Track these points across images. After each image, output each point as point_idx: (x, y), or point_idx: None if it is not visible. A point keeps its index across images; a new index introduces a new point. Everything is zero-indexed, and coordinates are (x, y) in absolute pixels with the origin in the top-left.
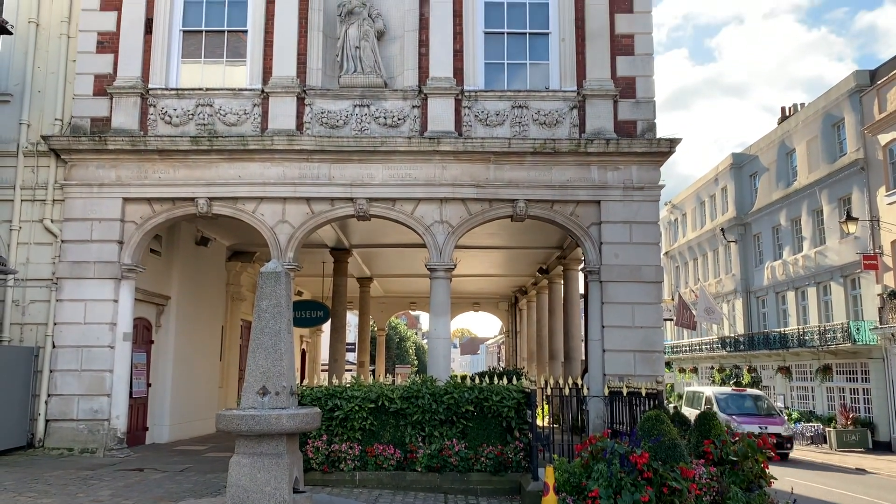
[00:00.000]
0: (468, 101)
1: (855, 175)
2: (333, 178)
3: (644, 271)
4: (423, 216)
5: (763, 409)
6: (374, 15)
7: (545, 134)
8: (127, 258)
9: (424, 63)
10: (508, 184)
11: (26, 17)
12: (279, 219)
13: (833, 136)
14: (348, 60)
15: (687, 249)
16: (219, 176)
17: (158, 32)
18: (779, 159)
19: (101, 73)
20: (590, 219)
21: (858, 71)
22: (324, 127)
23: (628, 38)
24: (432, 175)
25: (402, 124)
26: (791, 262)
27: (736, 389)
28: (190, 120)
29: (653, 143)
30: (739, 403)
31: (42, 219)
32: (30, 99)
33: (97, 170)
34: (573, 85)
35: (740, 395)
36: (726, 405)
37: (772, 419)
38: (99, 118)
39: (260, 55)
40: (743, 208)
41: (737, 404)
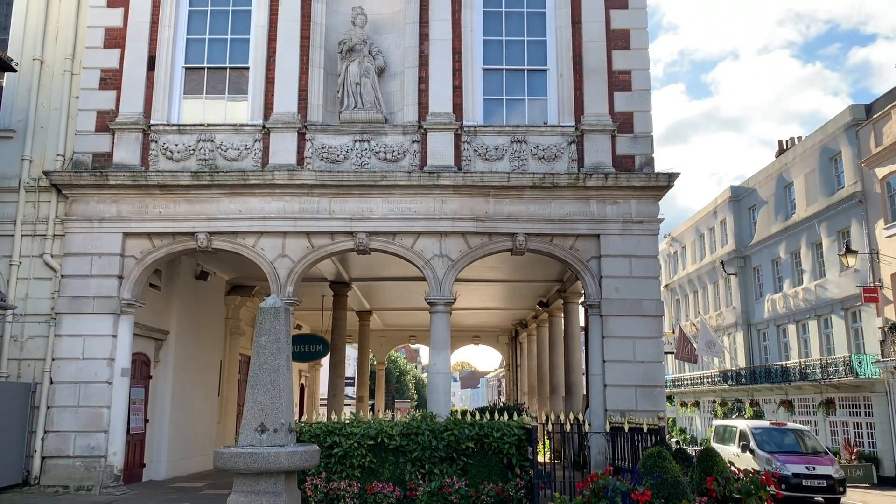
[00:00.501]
0: (467, 135)
1: (853, 208)
2: (334, 213)
3: (644, 305)
4: (422, 250)
5: (808, 446)
6: (374, 52)
7: (544, 168)
8: (126, 293)
9: (424, 99)
10: (508, 217)
11: (31, 55)
12: (279, 253)
13: (830, 170)
14: (349, 96)
15: (687, 282)
16: (219, 210)
17: (161, 69)
18: (777, 192)
19: (104, 109)
20: (589, 252)
21: (854, 105)
22: (324, 162)
23: (625, 75)
24: (432, 209)
25: (402, 159)
26: (791, 295)
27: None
28: (191, 155)
29: (651, 177)
30: (780, 440)
31: (42, 254)
32: (32, 135)
33: (98, 205)
34: (571, 120)
35: (780, 429)
36: (765, 442)
37: (819, 458)
38: (100, 154)
39: (261, 91)
40: (742, 241)
41: (777, 441)
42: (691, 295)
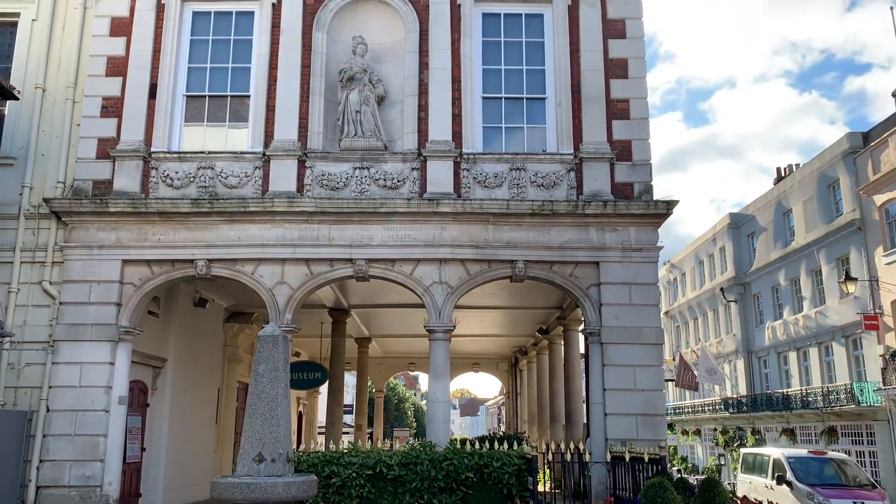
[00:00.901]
0: (467, 163)
1: (852, 235)
2: (333, 240)
3: (645, 333)
4: (422, 277)
5: (852, 477)
6: (374, 81)
7: (543, 196)
8: (125, 320)
9: (424, 127)
10: (507, 245)
11: (33, 83)
12: (278, 280)
13: (829, 197)
14: (349, 124)
15: (687, 309)
16: (219, 238)
17: (162, 97)
18: (776, 219)
19: (105, 136)
20: (589, 280)
21: (851, 133)
22: (324, 189)
23: (623, 103)
24: (431, 236)
25: (402, 186)
26: (792, 323)
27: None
28: (191, 182)
29: (650, 204)
30: (820, 470)
31: (41, 281)
32: (33, 162)
33: (97, 232)
34: (570, 148)
35: (820, 459)
36: (804, 472)
37: (867, 492)
38: (101, 181)
39: (262, 119)
40: (742, 268)
41: (816, 471)
42: (691, 322)
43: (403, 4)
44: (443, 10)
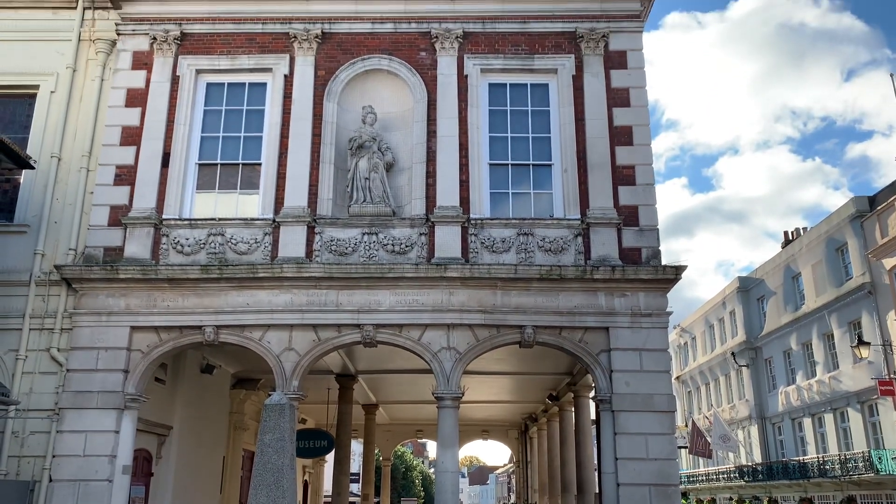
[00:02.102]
0: (474, 228)
1: (863, 299)
2: (341, 305)
3: (656, 400)
4: (430, 342)
5: None
6: (383, 148)
7: (551, 260)
8: (131, 387)
9: (432, 192)
10: (516, 310)
11: (49, 152)
12: (285, 346)
13: (838, 261)
14: (358, 191)
15: (698, 374)
16: (227, 304)
17: (175, 165)
18: (785, 283)
19: (117, 204)
20: (599, 346)
21: (857, 197)
22: (333, 254)
23: (629, 169)
24: (439, 301)
25: (410, 251)
26: (805, 388)
27: None
28: (201, 249)
29: (658, 270)
30: None
31: (49, 347)
32: (46, 230)
33: (107, 298)
34: (577, 213)
35: None
36: None
37: None
38: (112, 248)
39: (273, 186)
40: (752, 332)
41: None
42: (703, 387)
43: (412, 76)
44: (450, 80)
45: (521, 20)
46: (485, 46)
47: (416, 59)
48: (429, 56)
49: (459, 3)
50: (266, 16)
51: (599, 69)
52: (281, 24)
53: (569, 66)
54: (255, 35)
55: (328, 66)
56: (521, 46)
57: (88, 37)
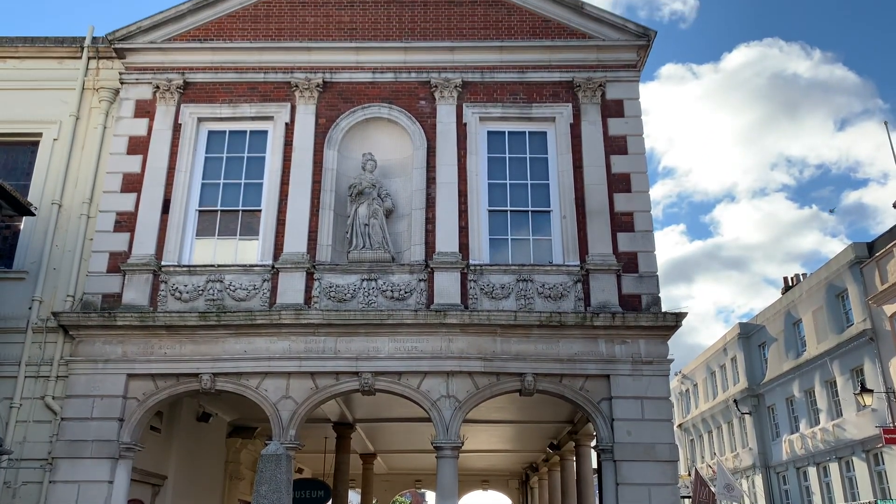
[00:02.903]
0: (473, 274)
1: (865, 345)
2: (339, 352)
3: (658, 450)
4: (429, 390)
5: None
6: (383, 195)
7: (551, 307)
8: (126, 436)
9: (431, 239)
10: (516, 357)
11: (50, 199)
12: (283, 394)
13: (838, 307)
14: (357, 237)
15: (701, 421)
16: (224, 351)
17: (175, 212)
18: (786, 329)
19: (117, 250)
20: (600, 394)
21: (856, 243)
22: (331, 301)
23: (628, 216)
24: (438, 348)
25: (409, 297)
26: (809, 436)
27: None
28: (200, 295)
29: (658, 316)
30: None
31: (44, 396)
32: (44, 276)
33: (104, 346)
34: (576, 259)
35: None
36: None
37: None
38: (110, 294)
39: (272, 232)
40: (754, 379)
41: None
42: (706, 435)
43: (412, 124)
44: (449, 129)
45: (518, 70)
46: (483, 95)
47: (416, 107)
48: (428, 104)
49: (458, 53)
50: (268, 65)
51: (597, 117)
52: (283, 74)
53: (566, 115)
54: (257, 84)
55: (329, 115)
56: (520, 95)
57: (92, 85)
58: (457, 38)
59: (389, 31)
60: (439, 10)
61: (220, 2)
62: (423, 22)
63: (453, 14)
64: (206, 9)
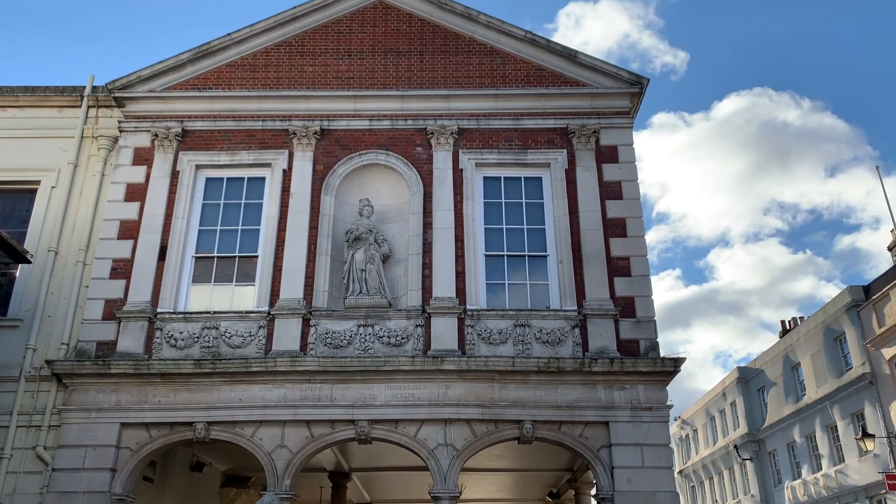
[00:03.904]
0: (471, 319)
1: (864, 389)
2: (335, 400)
3: (660, 498)
4: (426, 439)
5: None
6: (380, 240)
7: (549, 352)
8: (118, 487)
9: (428, 284)
10: (514, 404)
11: (46, 247)
12: (277, 443)
13: (836, 350)
14: (354, 282)
15: (701, 467)
16: (219, 399)
17: (171, 259)
18: (785, 373)
19: (112, 297)
20: (599, 441)
21: (852, 286)
22: (328, 347)
23: (624, 261)
24: (436, 395)
25: (406, 343)
26: (811, 482)
27: None
28: (195, 343)
29: (657, 362)
30: None
31: (35, 446)
32: (39, 324)
33: (97, 394)
34: (573, 304)
35: None
36: None
37: None
38: (105, 342)
39: (269, 278)
40: (755, 423)
41: None
42: (707, 481)
43: (408, 170)
44: (446, 174)
45: (513, 117)
46: (479, 141)
47: (413, 153)
48: (425, 151)
49: (454, 101)
50: (266, 113)
51: (591, 163)
52: (281, 122)
53: (561, 161)
54: (255, 132)
55: (326, 161)
56: (515, 141)
57: (91, 133)
58: (453, 87)
59: (386, 80)
60: (435, 59)
61: (220, 51)
62: (420, 71)
63: (449, 63)
64: (205, 58)
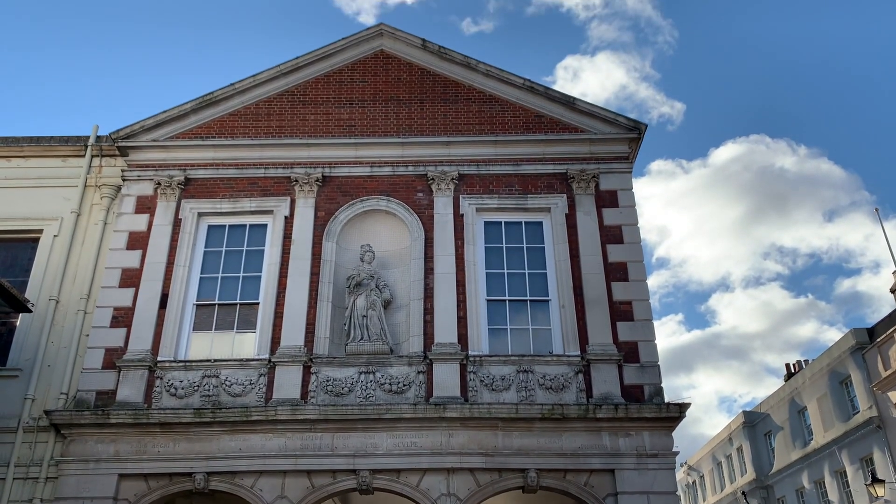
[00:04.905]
0: (473, 365)
1: (872, 433)
2: (336, 449)
3: None
4: (429, 489)
5: None
6: (381, 286)
7: (552, 399)
8: None
9: (430, 329)
10: (518, 452)
11: (48, 295)
12: (278, 494)
13: (842, 394)
14: (355, 329)
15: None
16: (219, 449)
17: (173, 307)
18: (791, 417)
19: (113, 346)
20: (605, 489)
21: (856, 329)
22: (328, 395)
23: (626, 305)
24: (438, 443)
25: (408, 390)
26: None
27: None
28: (195, 391)
29: (662, 408)
30: None
31: (32, 498)
32: (38, 373)
33: (96, 444)
34: (577, 349)
35: None
36: None
37: None
38: (104, 391)
39: (269, 325)
40: (762, 469)
41: None
42: None
43: (409, 215)
44: (447, 219)
45: (513, 162)
46: (480, 187)
47: (414, 199)
48: (426, 196)
49: (454, 147)
50: (269, 161)
51: (591, 208)
52: (283, 169)
53: (561, 205)
54: (257, 179)
55: (328, 208)
56: (515, 187)
57: (94, 182)
58: (453, 133)
59: (387, 127)
60: (435, 107)
61: (224, 101)
62: (420, 118)
63: (449, 111)
64: (209, 108)
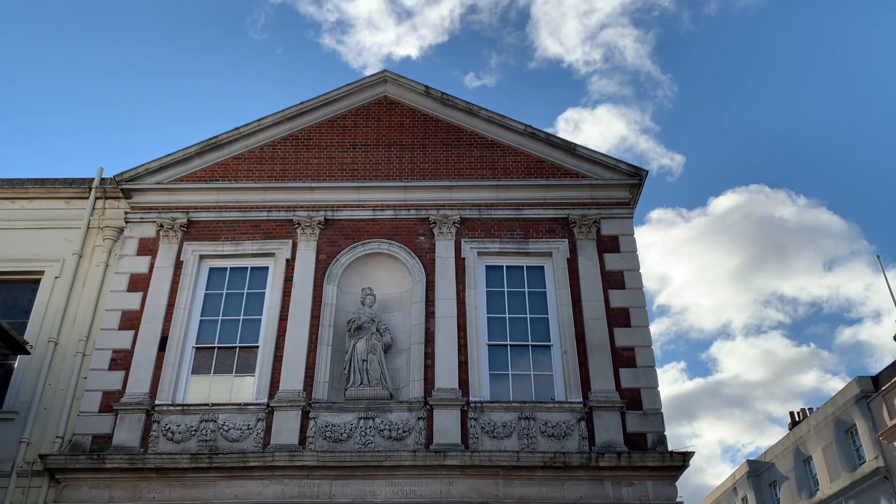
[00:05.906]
0: (474, 412)
1: (879, 484)
2: (334, 497)
3: None
4: None
5: None
6: (381, 329)
7: (554, 447)
8: None
9: (430, 374)
10: (519, 501)
11: (47, 337)
12: None
13: (848, 443)
14: (355, 373)
15: None
16: (215, 495)
17: (172, 350)
18: (796, 467)
19: (111, 389)
20: None
21: (861, 377)
22: (327, 441)
23: (629, 351)
24: (438, 492)
25: (408, 437)
26: None
27: None
28: (192, 436)
29: (665, 456)
30: None
31: None
32: (34, 416)
33: (90, 490)
34: (579, 396)
35: None
36: None
37: None
38: (101, 435)
39: (269, 369)
40: None
41: None
42: None
43: (411, 258)
44: (448, 263)
45: (515, 207)
46: (481, 231)
47: (415, 242)
48: (427, 240)
49: (456, 192)
50: (271, 204)
51: (593, 252)
52: (285, 212)
53: (563, 250)
54: (259, 222)
55: (329, 251)
56: (517, 231)
57: (97, 224)
58: (455, 178)
59: (390, 172)
60: (437, 152)
61: (228, 145)
62: (423, 163)
63: (451, 156)
64: (213, 151)
